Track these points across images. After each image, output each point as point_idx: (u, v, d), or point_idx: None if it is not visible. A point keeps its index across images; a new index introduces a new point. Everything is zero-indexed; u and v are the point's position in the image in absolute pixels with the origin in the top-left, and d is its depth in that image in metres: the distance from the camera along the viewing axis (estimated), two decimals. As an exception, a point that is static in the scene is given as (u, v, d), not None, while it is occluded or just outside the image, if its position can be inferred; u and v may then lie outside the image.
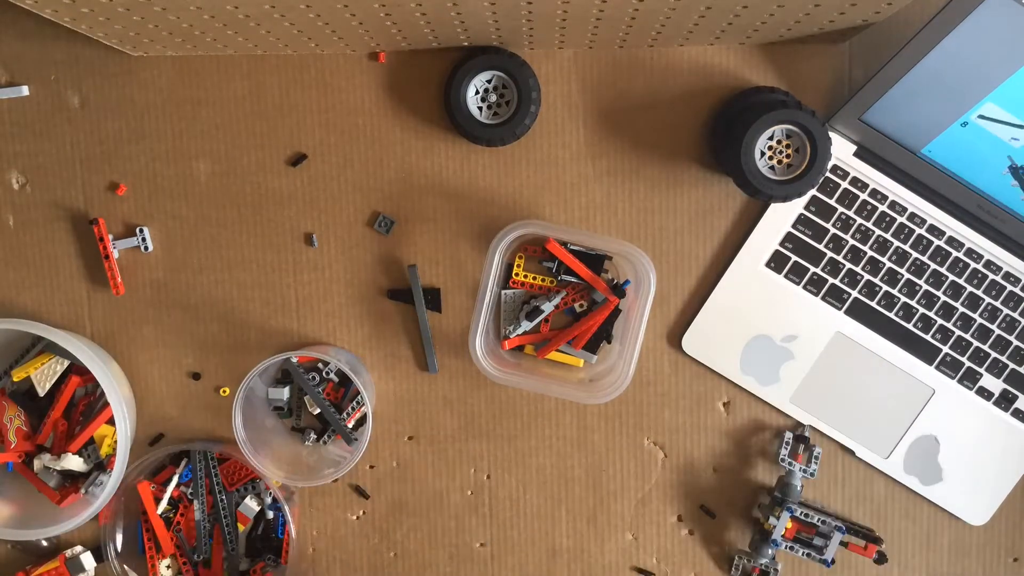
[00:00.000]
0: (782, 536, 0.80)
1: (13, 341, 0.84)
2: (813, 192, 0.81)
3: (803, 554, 0.81)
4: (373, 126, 0.83)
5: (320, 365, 0.83)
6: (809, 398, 0.83)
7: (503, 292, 0.82)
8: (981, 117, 0.73)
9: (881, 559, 0.82)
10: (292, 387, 0.85)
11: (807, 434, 0.83)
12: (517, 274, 0.82)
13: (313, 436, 0.84)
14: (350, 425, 0.83)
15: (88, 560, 0.84)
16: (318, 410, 0.83)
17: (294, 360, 0.82)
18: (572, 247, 0.81)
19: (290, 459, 0.82)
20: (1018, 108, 0.72)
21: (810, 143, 0.76)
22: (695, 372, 0.85)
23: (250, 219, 0.84)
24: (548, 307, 0.81)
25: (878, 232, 0.81)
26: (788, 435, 0.83)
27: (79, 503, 0.82)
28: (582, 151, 0.83)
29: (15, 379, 0.82)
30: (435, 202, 0.83)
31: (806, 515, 0.81)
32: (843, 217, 0.81)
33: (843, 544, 0.82)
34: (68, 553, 0.84)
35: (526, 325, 0.82)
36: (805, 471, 0.82)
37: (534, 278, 0.82)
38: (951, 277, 0.82)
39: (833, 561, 0.81)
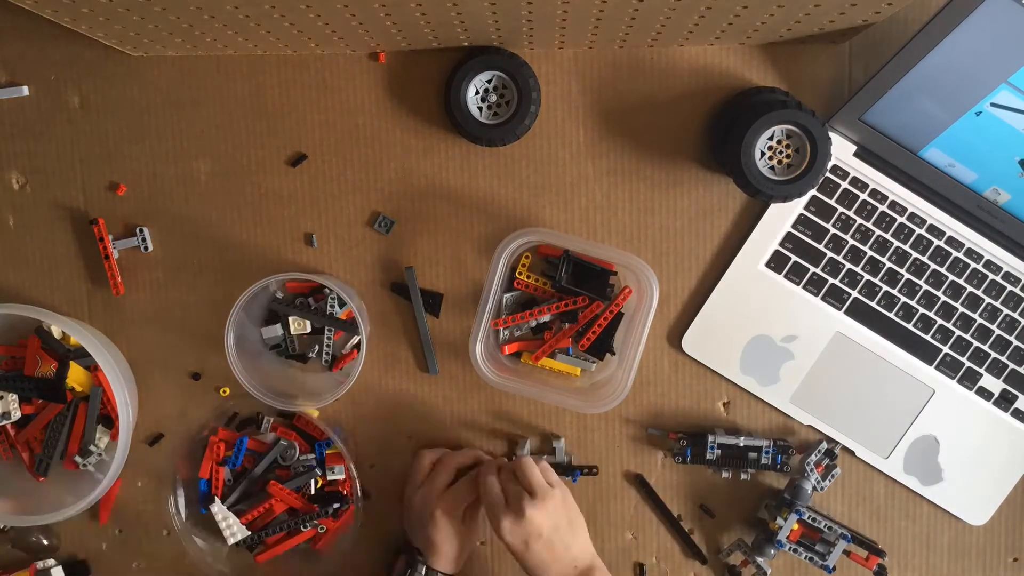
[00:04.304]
0: (787, 537, 0.81)
1: (8, 330, 0.83)
2: (813, 192, 0.81)
3: (806, 557, 0.82)
4: (373, 126, 0.83)
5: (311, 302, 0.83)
6: (809, 398, 0.83)
7: (505, 296, 0.82)
8: (994, 105, 0.73)
9: (881, 572, 0.82)
10: (283, 323, 0.84)
11: (836, 451, 0.83)
12: (521, 273, 0.81)
13: (326, 356, 0.84)
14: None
15: (58, 574, 0.84)
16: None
17: (278, 295, 0.83)
18: (574, 257, 0.79)
19: (284, 387, 0.82)
20: None
21: (810, 143, 0.76)
22: (695, 372, 0.84)
23: (250, 219, 0.84)
24: (545, 317, 0.81)
25: (878, 232, 0.81)
26: (823, 445, 0.83)
27: (76, 492, 0.81)
28: (582, 151, 0.83)
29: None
30: (435, 202, 0.83)
31: (813, 519, 0.81)
32: (843, 217, 0.81)
33: (845, 553, 0.82)
34: (39, 565, 0.85)
35: (525, 328, 0.81)
36: (819, 482, 0.82)
37: (536, 279, 0.81)
38: (951, 277, 0.82)
39: (834, 568, 0.81)
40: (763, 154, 0.77)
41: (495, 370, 0.78)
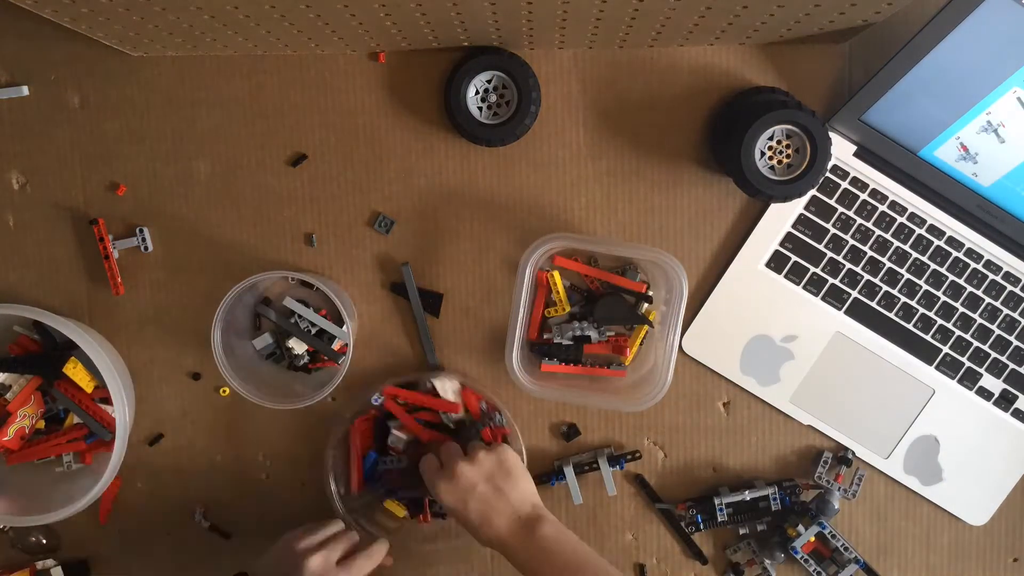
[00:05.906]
0: (801, 547, 0.81)
1: (7, 330, 0.83)
2: (813, 192, 0.81)
3: (814, 571, 0.82)
4: (373, 126, 0.83)
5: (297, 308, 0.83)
6: (809, 398, 0.83)
7: (548, 320, 0.82)
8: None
9: None
10: (273, 331, 0.84)
11: (850, 456, 0.83)
12: (553, 291, 0.81)
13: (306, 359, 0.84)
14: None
15: (58, 574, 0.85)
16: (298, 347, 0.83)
17: (265, 298, 0.83)
18: (599, 294, 0.79)
19: (283, 389, 0.82)
20: None
21: (810, 143, 0.76)
22: (695, 372, 0.84)
23: (250, 219, 0.84)
24: (594, 336, 0.81)
25: (878, 232, 0.81)
26: (827, 455, 0.83)
27: (75, 492, 0.81)
28: (582, 151, 0.83)
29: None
30: (435, 202, 0.83)
31: (832, 535, 0.81)
32: (843, 217, 0.81)
33: None
34: (39, 565, 0.85)
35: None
36: (845, 492, 0.82)
37: (559, 306, 0.82)
38: (951, 277, 0.82)
39: None
40: (763, 154, 0.77)
41: (533, 379, 0.78)
